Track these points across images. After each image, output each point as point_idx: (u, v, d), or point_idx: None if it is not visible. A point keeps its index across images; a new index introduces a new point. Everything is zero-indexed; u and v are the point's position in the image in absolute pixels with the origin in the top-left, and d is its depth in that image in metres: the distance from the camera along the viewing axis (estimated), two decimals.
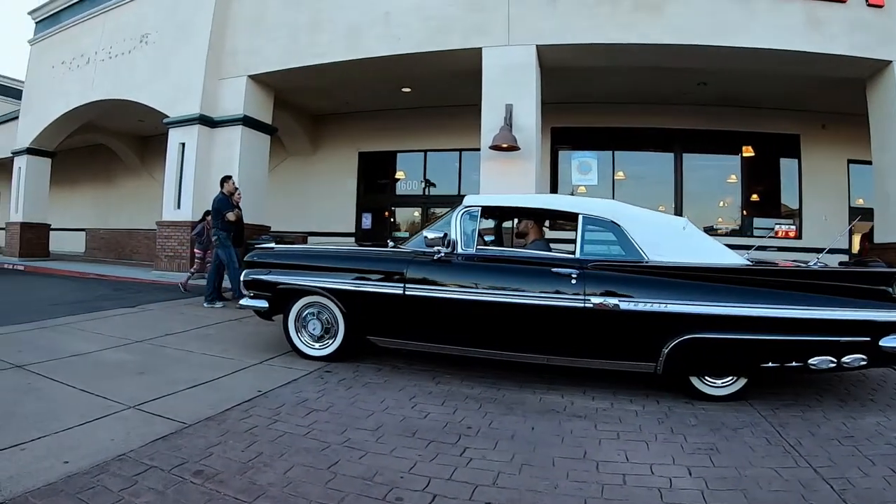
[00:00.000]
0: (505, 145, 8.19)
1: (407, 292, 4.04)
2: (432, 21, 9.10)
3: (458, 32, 8.93)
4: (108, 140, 17.71)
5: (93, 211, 19.83)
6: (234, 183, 8.05)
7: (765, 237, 11.28)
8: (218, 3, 11.18)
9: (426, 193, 14.12)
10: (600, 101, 11.71)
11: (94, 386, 3.68)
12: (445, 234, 3.98)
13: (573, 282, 3.64)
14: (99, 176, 19.75)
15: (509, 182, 8.25)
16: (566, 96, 11.21)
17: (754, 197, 12.19)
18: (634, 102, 11.61)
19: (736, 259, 3.82)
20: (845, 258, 9.36)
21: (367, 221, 14.61)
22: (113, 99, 12.84)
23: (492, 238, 5.01)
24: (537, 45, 8.54)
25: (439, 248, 3.96)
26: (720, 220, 12.27)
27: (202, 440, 2.84)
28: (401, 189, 14.55)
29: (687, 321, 3.42)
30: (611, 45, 8.32)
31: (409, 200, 14.54)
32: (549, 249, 4.22)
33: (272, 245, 5.05)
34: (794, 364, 3.35)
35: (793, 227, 11.85)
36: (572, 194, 12.04)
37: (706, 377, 3.67)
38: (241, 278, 4.92)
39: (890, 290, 3.37)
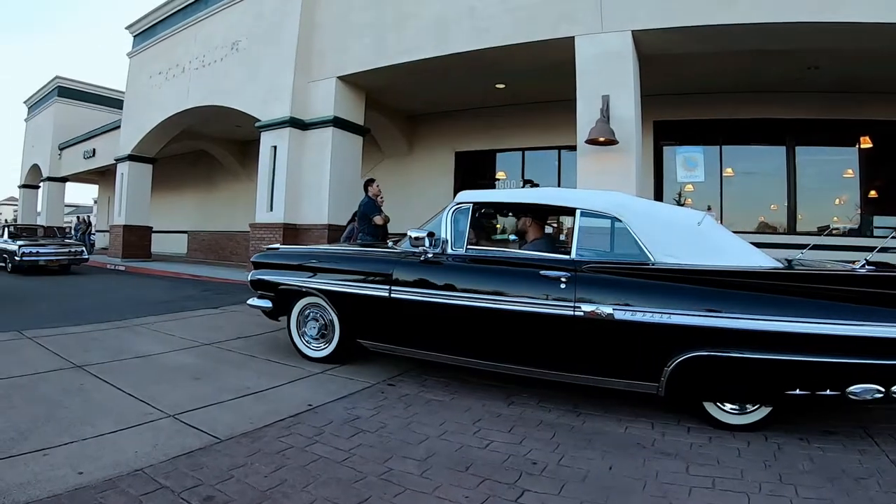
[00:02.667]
0: (602, 139, 7.71)
1: (393, 295, 3.99)
2: (519, 11, 8.81)
3: (546, 22, 8.57)
4: (208, 146, 19.10)
5: (195, 214, 21.53)
6: (377, 185, 8.18)
7: (886, 237, 9.83)
8: (304, 6, 11.61)
9: None
10: (704, 90, 10.91)
11: (142, 390, 3.71)
12: (431, 234, 3.91)
13: (562, 286, 3.39)
14: (201, 180, 21.36)
15: (607, 180, 7.71)
16: (668, 87, 10.55)
17: (872, 193, 10.75)
18: (740, 91, 10.73)
19: (763, 261, 3.40)
20: None
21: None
22: (207, 105, 13.73)
23: (486, 237, 4.77)
24: (632, 31, 8.00)
25: (424, 248, 3.88)
26: (835, 218, 10.94)
27: (227, 460, 2.63)
28: (499, 188, 14.09)
29: (693, 336, 3.05)
30: (711, 26, 7.60)
31: None
32: (552, 249, 3.97)
33: (277, 245, 5.12)
34: (827, 392, 2.86)
35: None
36: (679, 195, 11.66)
37: (720, 403, 3.26)
38: (248, 278, 5.11)
39: None
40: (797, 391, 2.91)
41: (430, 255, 3.92)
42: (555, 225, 12.52)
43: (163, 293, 9.77)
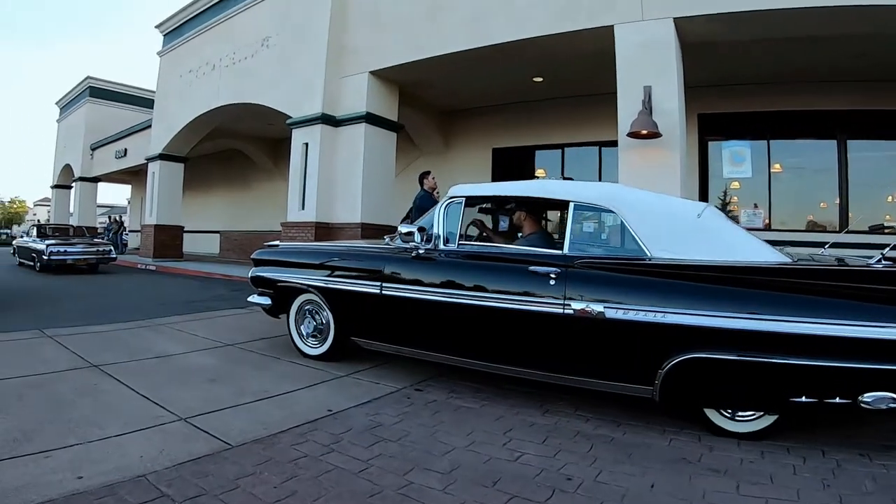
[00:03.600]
0: (644, 132, 7.47)
1: (384, 291, 4.04)
2: (556, 1, 8.60)
3: (584, 10, 8.35)
4: (241, 145, 19.40)
5: (228, 213, 21.92)
6: (434, 178, 8.09)
7: None
8: (334, 0, 11.62)
9: None
10: (750, 81, 10.50)
11: (156, 392, 3.66)
12: (422, 229, 3.94)
13: (552, 283, 3.32)
14: (235, 180, 21.71)
15: (650, 175, 7.47)
16: (712, 78, 10.22)
17: None
18: (788, 82, 10.28)
19: (770, 255, 3.24)
20: None
21: (503, 224, 14.19)
22: (238, 103, 13.90)
23: (481, 233, 4.76)
24: (674, 19, 7.71)
25: (415, 244, 3.94)
26: (887, 216, 10.36)
27: (235, 468, 2.50)
28: None
29: (689, 336, 2.92)
30: (756, 12, 7.24)
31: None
32: (548, 245, 3.90)
33: (277, 242, 5.34)
34: (837, 400, 2.68)
35: None
36: (724, 193, 11.30)
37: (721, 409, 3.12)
38: (249, 275, 5.23)
39: None
40: (803, 398, 2.74)
41: (421, 251, 3.95)
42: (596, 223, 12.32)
43: (192, 293, 9.87)
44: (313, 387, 3.92)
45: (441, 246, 3.93)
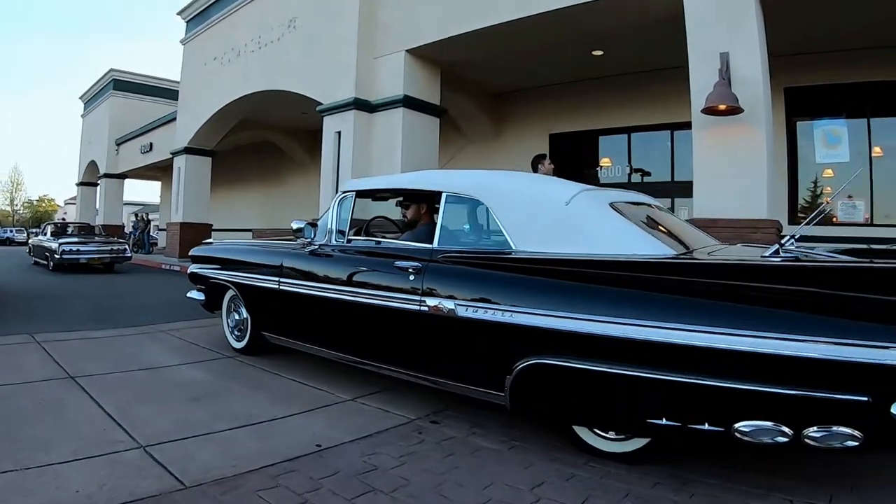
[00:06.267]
0: (723, 106, 6.87)
1: (281, 287, 4.45)
2: None
3: None
4: (274, 137, 19.59)
5: (260, 210, 22.19)
6: (550, 163, 7.53)
7: None
8: None
9: (631, 181, 12.88)
10: (845, 47, 9.67)
11: (125, 411, 3.51)
12: (313, 224, 4.38)
13: (411, 278, 3.47)
14: (268, 174, 22.01)
15: (731, 159, 6.91)
16: (798, 45, 9.51)
17: None
18: (892, 45, 9.37)
19: (651, 249, 3.05)
20: None
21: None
22: (265, 90, 13.89)
23: (383, 228, 5.11)
24: None
25: (307, 239, 4.39)
26: None
27: None
28: (603, 177, 13.51)
29: (535, 339, 2.88)
30: None
31: None
32: (430, 238, 3.88)
33: (212, 240, 6.00)
34: (706, 427, 2.40)
35: None
36: (815, 182, 10.60)
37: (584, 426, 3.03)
38: (188, 271, 5.92)
39: None
40: (663, 420, 2.51)
41: (315, 247, 4.32)
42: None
43: None
44: (309, 413, 3.62)
45: (333, 241, 4.24)
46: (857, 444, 2.15)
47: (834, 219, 9.91)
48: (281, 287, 4.43)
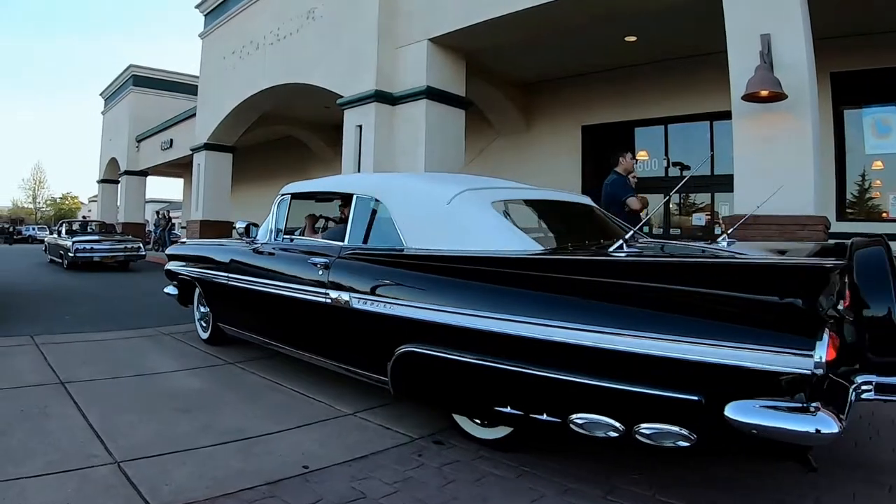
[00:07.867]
0: (764, 92, 6.51)
1: (230, 282, 5.05)
2: None
3: None
4: (297, 132, 19.68)
5: None
6: (631, 158, 7.52)
7: None
8: None
9: (668, 175, 12.67)
10: (894, 28, 9.22)
11: (108, 421, 3.46)
12: (254, 224, 5.08)
13: (320, 273, 3.94)
14: (292, 170, 21.95)
15: (774, 149, 6.57)
16: (844, 26, 9.11)
17: None
18: None
19: (520, 245, 3.34)
20: None
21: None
22: (285, 84, 13.93)
23: (321, 226, 6.09)
24: None
25: (248, 238, 5.04)
26: None
27: None
28: (638, 170, 13.17)
29: (407, 328, 3.26)
30: None
31: (647, 184, 12.95)
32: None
33: (185, 240, 7.16)
34: (545, 418, 2.64)
35: None
36: (862, 176, 10.17)
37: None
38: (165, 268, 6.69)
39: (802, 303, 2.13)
40: (508, 409, 2.78)
41: (256, 245, 4.91)
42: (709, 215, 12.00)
43: None
44: (303, 428, 3.51)
45: (272, 240, 4.81)
46: (689, 444, 2.22)
47: (884, 214, 9.55)
48: (230, 282, 5.05)
